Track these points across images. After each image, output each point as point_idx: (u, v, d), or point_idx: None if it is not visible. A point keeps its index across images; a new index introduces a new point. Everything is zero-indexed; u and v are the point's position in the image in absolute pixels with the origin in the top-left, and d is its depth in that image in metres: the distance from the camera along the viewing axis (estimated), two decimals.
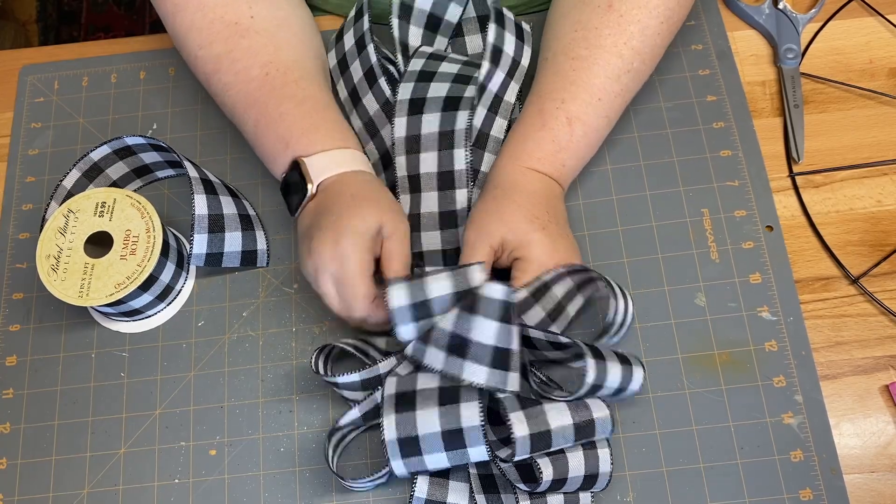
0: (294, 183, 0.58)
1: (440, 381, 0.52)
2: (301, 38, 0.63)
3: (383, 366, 0.55)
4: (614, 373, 0.52)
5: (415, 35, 0.66)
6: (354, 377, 0.54)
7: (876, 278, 0.61)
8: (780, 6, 0.70)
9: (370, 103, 0.64)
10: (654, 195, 0.64)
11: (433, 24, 0.67)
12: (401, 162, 0.61)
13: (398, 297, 0.51)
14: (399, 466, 0.51)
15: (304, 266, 0.56)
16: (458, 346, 0.50)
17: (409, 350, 0.53)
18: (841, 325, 0.60)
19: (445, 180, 0.60)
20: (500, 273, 0.57)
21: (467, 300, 0.50)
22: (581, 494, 0.54)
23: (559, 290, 0.56)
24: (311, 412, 0.59)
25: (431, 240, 0.60)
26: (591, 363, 0.51)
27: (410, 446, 0.51)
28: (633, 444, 0.57)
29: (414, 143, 0.61)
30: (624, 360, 0.53)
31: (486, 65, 0.62)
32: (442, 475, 0.55)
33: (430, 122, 0.60)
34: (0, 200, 0.68)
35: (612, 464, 0.53)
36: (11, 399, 0.61)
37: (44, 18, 1.59)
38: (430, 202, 0.60)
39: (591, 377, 0.51)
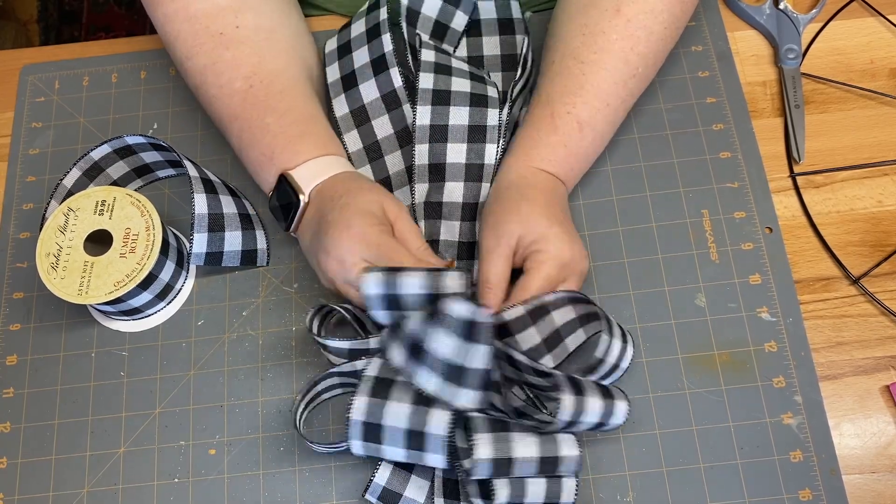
0: (285, 199, 0.58)
1: None
2: (287, 48, 0.62)
3: (374, 341, 0.54)
4: (593, 408, 0.51)
5: (431, 42, 0.66)
6: (345, 344, 0.54)
7: (876, 279, 0.61)
8: (781, 6, 0.70)
9: (369, 90, 0.64)
10: (654, 196, 0.64)
11: (440, 31, 0.67)
12: (422, 149, 0.61)
13: (370, 284, 0.51)
14: (357, 447, 0.52)
15: (324, 271, 0.55)
16: (417, 350, 0.50)
17: (379, 339, 0.53)
18: (841, 326, 0.60)
19: (473, 173, 0.61)
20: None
21: (437, 309, 0.49)
22: None
23: (559, 318, 0.54)
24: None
25: (451, 229, 0.60)
26: (566, 401, 0.49)
27: (372, 432, 0.51)
28: (633, 444, 0.57)
29: (440, 133, 0.60)
30: (606, 394, 0.52)
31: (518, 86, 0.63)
32: (406, 468, 0.55)
33: (460, 115, 0.60)
34: (0, 200, 0.68)
35: (576, 495, 0.52)
36: (12, 398, 0.61)
37: (45, 18, 1.59)
38: (454, 192, 0.60)
39: (566, 414, 0.49)
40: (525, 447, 0.50)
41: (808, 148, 0.65)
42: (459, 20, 0.67)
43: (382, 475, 0.54)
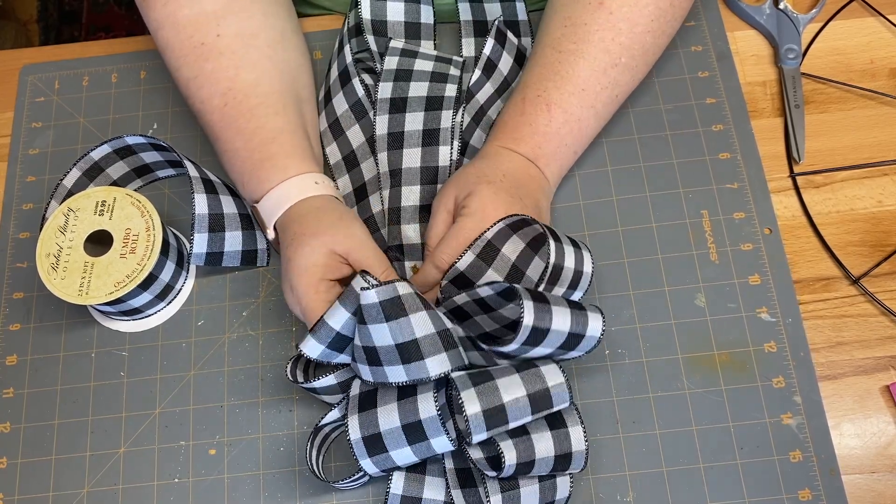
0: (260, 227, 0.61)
1: None
2: (269, 54, 0.61)
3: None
4: (561, 316, 0.50)
5: (398, 46, 0.67)
6: (330, 379, 0.55)
7: (876, 278, 0.61)
8: (781, 6, 0.70)
9: (340, 103, 0.65)
10: (653, 196, 0.64)
11: (413, 31, 0.68)
12: (382, 158, 0.62)
13: (311, 349, 0.52)
14: (368, 465, 0.52)
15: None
16: (371, 356, 0.51)
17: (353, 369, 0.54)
18: (841, 326, 0.60)
19: (428, 175, 0.61)
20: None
21: (358, 313, 0.50)
22: (558, 481, 0.53)
23: (510, 252, 0.55)
24: (311, 412, 0.59)
25: (412, 232, 0.61)
26: (528, 305, 0.48)
27: (375, 444, 0.51)
28: (633, 444, 0.57)
29: (397, 140, 0.62)
30: (575, 306, 0.51)
31: (477, 73, 0.64)
32: (418, 471, 0.55)
33: (414, 120, 0.62)
34: (0, 200, 0.68)
35: (586, 441, 0.52)
36: (12, 398, 0.61)
37: (44, 18, 1.59)
38: (411, 196, 0.61)
39: (528, 318, 0.48)
40: (511, 389, 0.50)
41: (808, 148, 0.65)
42: (427, 12, 0.68)
43: (397, 484, 0.54)
